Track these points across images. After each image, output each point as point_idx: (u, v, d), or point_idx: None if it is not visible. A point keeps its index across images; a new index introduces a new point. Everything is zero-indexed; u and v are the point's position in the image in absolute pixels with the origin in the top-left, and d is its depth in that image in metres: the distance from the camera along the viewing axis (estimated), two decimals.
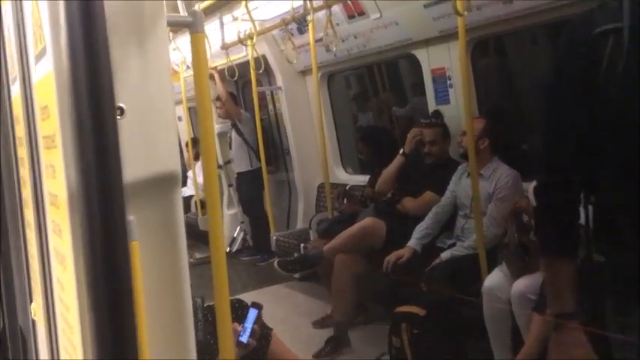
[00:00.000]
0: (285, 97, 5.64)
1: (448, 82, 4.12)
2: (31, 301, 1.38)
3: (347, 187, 5.13)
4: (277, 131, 6.36)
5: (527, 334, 2.87)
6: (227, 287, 1.50)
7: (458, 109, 4.00)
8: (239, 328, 2.25)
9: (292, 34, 4.78)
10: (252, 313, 2.20)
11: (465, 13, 2.92)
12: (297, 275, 5.25)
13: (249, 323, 2.19)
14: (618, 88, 1.24)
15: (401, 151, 4.21)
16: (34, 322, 1.36)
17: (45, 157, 0.57)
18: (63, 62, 0.44)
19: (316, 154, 5.48)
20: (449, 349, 3.32)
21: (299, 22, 4.56)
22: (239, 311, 2.62)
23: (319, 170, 5.30)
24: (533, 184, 3.15)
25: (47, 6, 0.44)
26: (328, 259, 4.02)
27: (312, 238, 4.94)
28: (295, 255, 4.68)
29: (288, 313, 4.50)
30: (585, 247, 1.44)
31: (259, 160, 5.82)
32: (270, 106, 6.30)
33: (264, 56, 5.18)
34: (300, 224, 5.82)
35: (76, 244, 0.44)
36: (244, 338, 2.20)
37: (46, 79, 0.47)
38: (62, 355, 0.86)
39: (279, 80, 5.62)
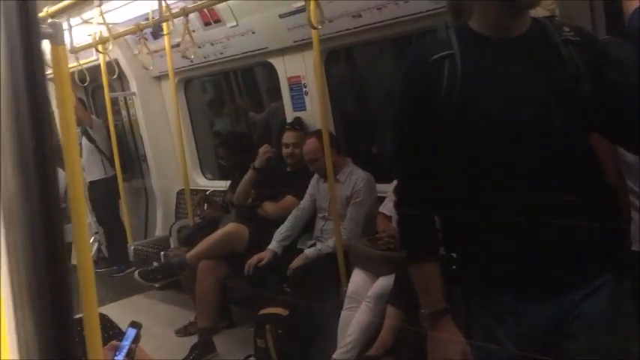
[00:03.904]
0: (141, 102, 5.50)
1: (304, 89, 4.30)
2: None
3: (207, 193, 5.13)
4: (132, 137, 6.17)
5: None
6: (96, 300, 1.49)
7: (314, 115, 4.19)
8: (117, 344, 2.18)
9: (146, 39, 4.69)
10: (131, 332, 2.14)
11: (319, 26, 3.08)
12: (156, 285, 5.14)
13: (126, 342, 2.13)
14: (458, 104, 1.43)
15: (252, 165, 4.28)
16: None
17: None
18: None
19: (174, 160, 5.42)
20: (313, 346, 3.48)
21: (154, 27, 4.48)
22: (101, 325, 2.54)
23: (178, 176, 5.25)
24: (390, 192, 3.45)
25: None
26: (191, 266, 4.01)
27: (172, 246, 4.86)
28: (155, 264, 4.60)
29: (149, 323, 4.38)
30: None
31: (113, 167, 5.62)
32: (124, 112, 6.09)
33: (116, 60, 5.02)
34: (159, 232, 5.70)
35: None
36: (120, 357, 2.14)
37: None
38: None
39: (134, 86, 5.47)
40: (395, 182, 3.39)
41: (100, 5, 3.44)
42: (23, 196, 0.45)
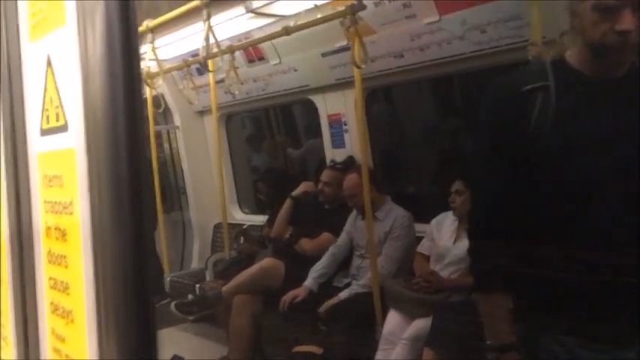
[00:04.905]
0: (183, 136, 5.62)
1: (344, 127, 4.32)
2: None
3: (244, 227, 5.16)
4: (173, 170, 6.28)
5: None
6: None
7: (353, 152, 4.20)
8: None
9: (192, 75, 4.81)
10: None
11: (363, 65, 3.11)
12: (191, 317, 5.15)
13: None
14: (546, 139, 1.41)
15: (290, 194, 4.33)
16: None
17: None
18: (92, 143, 0.47)
19: (213, 194, 5.47)
20: None
21: (199, 63, 4.60)
22: None
23: (216, 210, 5.29)
24: (428, 231, 3.41)
25: (74, 91, 0.46)
26: (227, 300, 4.00)
27: (207, 279, 4.88)
28: (190, 296, 4.61)
29: (182, 356, 4.38)
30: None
31: None
32: (166, 145, 6.22)
33: (162, 95, 5.15)
34: (195, 265, 5.74)
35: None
36: None
37: (65, 152, 0.48)
38: None
39: (177, 119, 5.60)
40: (437, 219, 3.40)
41: (152, 42, 3.56)
42: (116, 227, 0.45)
